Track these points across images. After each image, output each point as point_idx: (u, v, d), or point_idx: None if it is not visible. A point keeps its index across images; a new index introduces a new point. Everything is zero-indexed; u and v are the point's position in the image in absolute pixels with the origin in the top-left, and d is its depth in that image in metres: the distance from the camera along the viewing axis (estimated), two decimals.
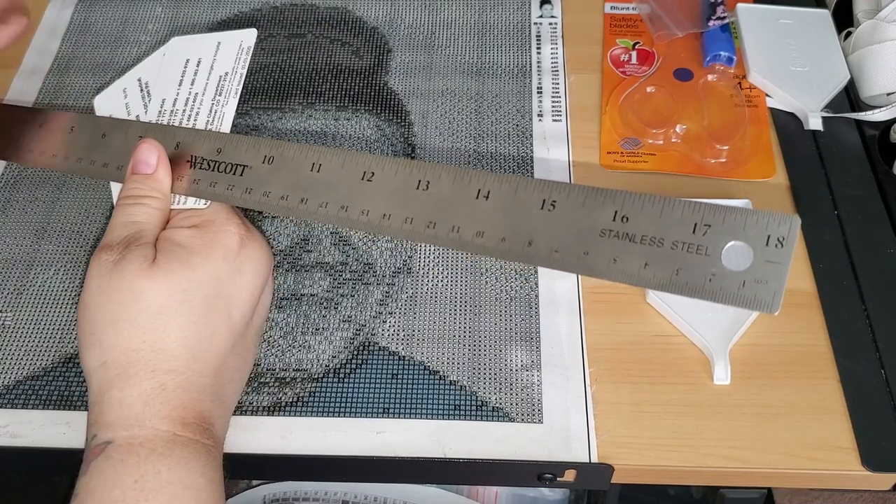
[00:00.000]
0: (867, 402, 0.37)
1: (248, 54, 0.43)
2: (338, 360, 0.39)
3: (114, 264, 0.34)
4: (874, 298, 0.40)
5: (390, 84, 0.49)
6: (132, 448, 0.31)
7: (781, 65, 0.48)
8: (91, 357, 0.33)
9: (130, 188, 0.37)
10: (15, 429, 0.37)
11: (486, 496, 0.57)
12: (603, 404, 0.37)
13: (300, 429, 0.37)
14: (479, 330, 0.40)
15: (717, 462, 0.36)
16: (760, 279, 0.30)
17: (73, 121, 0.42)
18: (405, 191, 0.35)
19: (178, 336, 0.33)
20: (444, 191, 0.35)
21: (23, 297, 0.41)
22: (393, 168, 0.36)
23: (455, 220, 0.34)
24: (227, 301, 0.35)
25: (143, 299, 0.33)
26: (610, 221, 0.32)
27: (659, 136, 0.46)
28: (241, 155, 0.38)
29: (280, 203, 0.37)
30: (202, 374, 0.34)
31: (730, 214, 0.31)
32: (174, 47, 0.44)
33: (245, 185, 0.37)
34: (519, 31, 0.52)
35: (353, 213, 0.36)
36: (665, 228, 0.32)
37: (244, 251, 0.36)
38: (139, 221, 0.36)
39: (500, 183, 0.34)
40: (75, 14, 0.54)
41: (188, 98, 0.42)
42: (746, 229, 0.31)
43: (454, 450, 0.36)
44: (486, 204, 0.34)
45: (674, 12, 0.50)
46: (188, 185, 0.38)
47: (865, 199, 0.44)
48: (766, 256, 0.30)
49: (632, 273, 0.32)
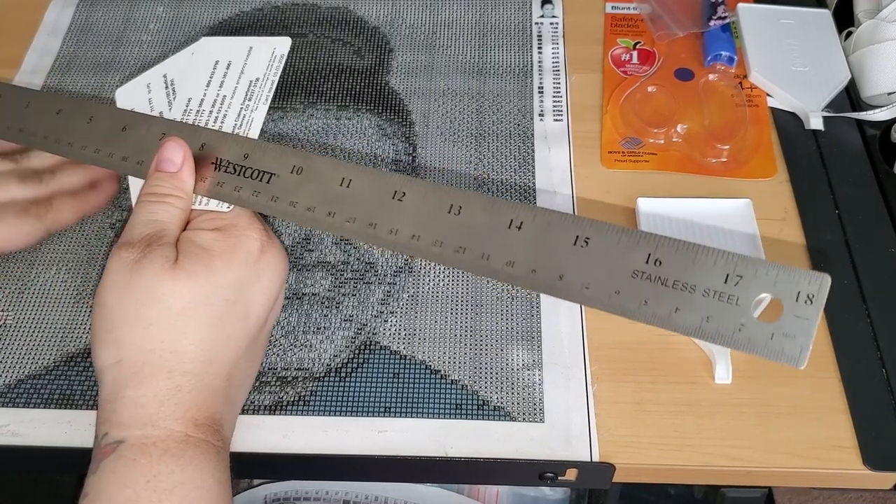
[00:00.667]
0: (868, 401, 0.37)
1: (280, 62, 0.43)
2: (339, 360, 0.39)
3: (135, 262, 0.33)
4: (875, 298, 0.40)
5: (391, 84, 0.49)
6: (145, 448, 0.31)
7: (782, 64, 0.48)
8: (106, 354, 0.33)
9: (153, 185, 0.37)
10: (16, 428, 0.37)
11: (487, 496, 0.57)
12: (604, 403, 0.37)
13: (302, 428, 0.37)
14: (481, 329, 0.40)
15: (719, 461, 0.36)
16: (788, 333, 0.30)
17: (92, 110, 0.42)
18: (436, 214, 0.35)
19: (196, 338, 0.33)
20: (475, 218, 0.35)
21: (24, 297, 0.41)
22: (423, 190, 0.36)
23: (485, 248, 0.34)
24: (245, 306, 0.35)
25: (164, 300, 0.33)
26: (643, 263, 0.32)
27: (660, 135, 0.46)
28: (268, 162, 0.38)
29: (306, 214, 0.37)
30: (216, 377, 0.34)
31: (762, 268, 0.31)
32: (203, 47, 0.44)
33: (271, 192, 0.37)
34: (520, 30, 0.52)
35: (381, 231, 0.35)
36: (697, 275, 0.32)
37: (264, 257, 0.36)
38: (161, 220, 0.36)
39: (534, 215, 0.34)
40: (77, 14, 0.54)
41: (216, 100, 0.42)
42: (777, 284, 0.31)
43: (455, 449, 0.36)
44: (518, 234, 0.34)
45: (675, 12, 0.50)
46: (211, 187, 0.38)
47: (866, 199, 0.44)
48: (796, 312, 0.30)
49: (662, 316, 0.32)
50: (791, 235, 0.42)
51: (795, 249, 0.42)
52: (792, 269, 0.31)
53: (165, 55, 0.51)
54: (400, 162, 0.45)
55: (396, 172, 0.38)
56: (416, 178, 0.36)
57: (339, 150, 0.46)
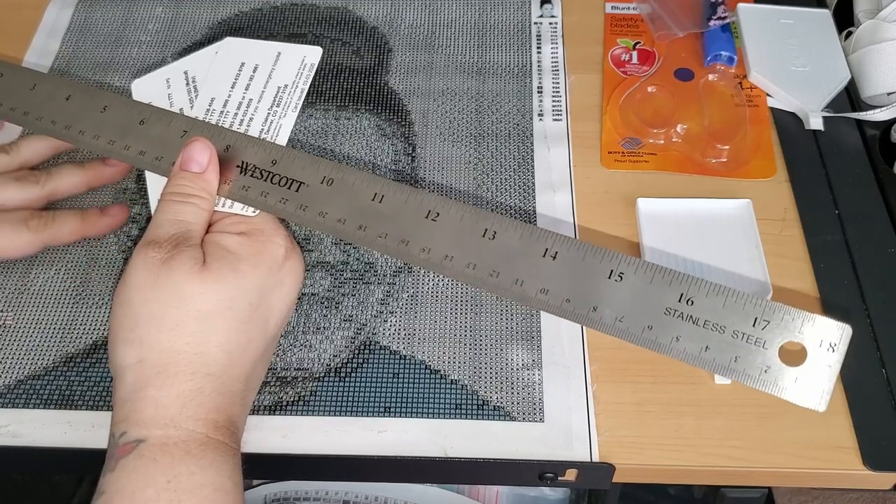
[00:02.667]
0: (868, 401, 0.37)
1: (310, 71, 0.43)
2: (339, 360, 0.39)
3: (162, 262, 0.33)
4: (875, 298, 0.40)
5: (391, 84, 0.49)
6: (166, 448, 0.31)
7: (782, 64, 0.48)
8: (127, 353, 0.33)
9: (178, 185, 0.37)
10: (16, 428, 0.37)
11: (486, 496, 0.57)
12: (604, 403, 0.37)
13: (301, 428, 0.37)
14: (480, 329, 0.40)
15: (718, 461, 0.36)
16: (812, 378, 0.32)
17: (106, 100, 0.41)
18: (470, 236, 0.36)
19: (220, 341, 0.33)
20: (510, 243, 0.35)
21: (23, 297, 0.41)
22: (459, 212, 0.36)
23: (519, 274, 0.35)
24: (267, 311, 0.35)
25: (192, 302, 0.33)
26: (676, 302, 0.33)
27: (660, 135, 0.46)
28: (297, 171, 0.38)
29: (336, 225, 0.37)
30: (236, 380, 0.34)
31: (788, 314, 0.33)
32: (228, 47, 0.44)
33: (300, 201, 0.37)
34: (519, 30, 0.52)
35: (413, 249, 0.36)
36: (727, 317, 0.33)
37: (287, 263, 0.37)
38: (187, 221, 0.36)
39: (569, 246, 0.35)
40: (76, 14, 0.54)
41: (241, 102, 0.41)
42: (803, 330, 0.32)
43: (455, 449, 0.36)
44: (553, 264, 0.35)
45: (674, 12, 0.50)
46: (236, 191, 0.38)
47: (866, 199, 0.44)
48: (819, 357, 0.32)
49: (692, 354, 0.33)
50: (791, 235, 0.42)
51: (795, 250, 0.42)
52: (817, 317, 0.32)
53: (164, 56, 0.51)
54: (399, 162, 0.45)
55: (430, 192, 0.39)
56: (450, 199, 0.37)
57: (338, 150, 0.46)
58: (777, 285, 0.40)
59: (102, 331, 0.40)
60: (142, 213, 0.44)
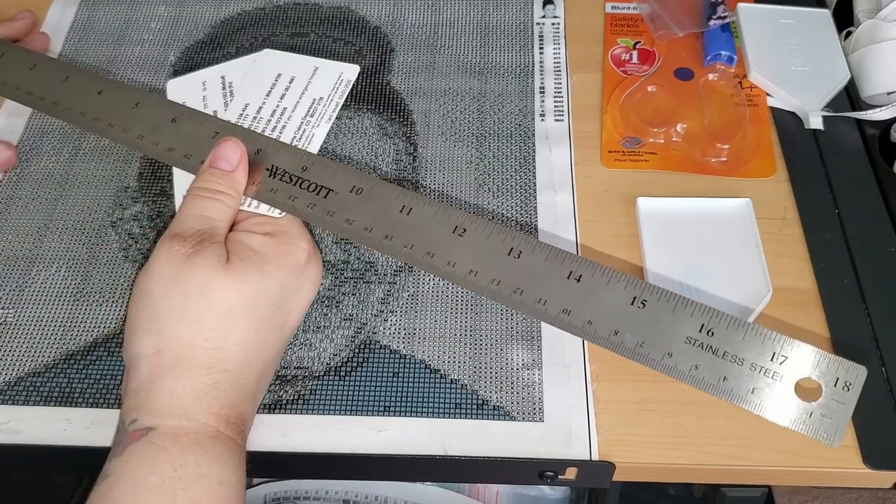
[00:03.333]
0: (868, 400, 0.37)
1: (347, 87, 0.44)
2: (339, 359, 0.39)
3: (186, 256, 0.34)
4: (875, 297, 0.40)
5: (393, 83, 0.49)
6: (177, 437, 0.31)
7: (782, 64, 0.48)
8: (145, 343, 0.33)
9: (207, 181, 0.37)
10: (15, 425, 0.37)
11: (486, 495, 0.57)
12: (604, 402, 0.37)
13: (301, 427, 0.37)
14: (480, 328, 0.40)
15: (718, 460, 0.36)
16: (826, 414, 0.33)
17: (139, 97, 0.43)
18: (496, 254, 0.37)
19: (239, 338, 0.34)
20: (536, 264, 0.36)
21: (24, 294, 0.41)
22: (486, 230, 0.37)
23: (543, 294, 0.36)
24: (286, 312, 0.36)
25: (215, 298, 0.33)
26: (696, 332, 0.34)
27: (660, 135, 0.46)
28: (327, 178, 0.39)
29: (363, 233, 0.37)
30: (250, 378, 0.34)
31: (805, 351, 0.33)
32: (266, 57, 0.46)
33: (328, 207, 0.38)
34: (521, 31, 0.52)
35: (438, 261, 0.37)
36: (746, 350, 0.34)
37: (308, 267, 0.37)
38: (213, 217, 0.36)
39: (593, 271, 0.36)
40: (78, 13, 0.54)
41: (275, 110, 0.43)
42: (818, 367, 0.33)
43: (455, 448, 0.36)
44: (577, 286, 0.36)
45: (674, 12, 0.50)
46: (263, 192, 0.39)
47: (866, 198, 0.44)
48: (834, 395, 0.33)
49: (710, 383, 0.34)
50: (791, 235, 0.42)
51: (795, 249, 0.42)
52: (833, 356, 0.33)
53: (167, 54, 0.51)
54: (400, 161, 0.46)
55: (458, 209, 0.39)
56: (478, 216, 0.38)
57: (340, 150, 0.46)
58: (777, 284, 0.40)
59: (103, 328, 0.40)
60: (143, 210, 0.44)
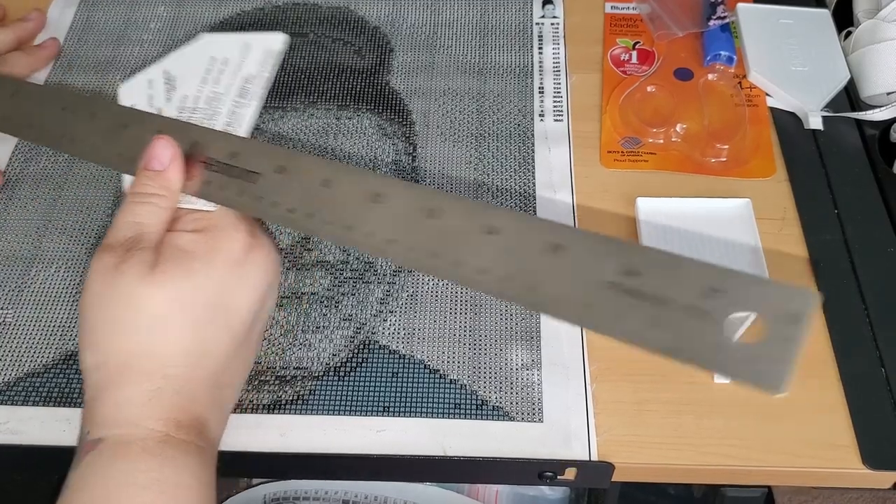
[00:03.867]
0: (867, 400, 0.37)
1: (275, 59, 0.42)
2: (338, 359, 0.39)
3: (114, 267, 0.33)
4: (874, 298, 0.40)
5: (392, 83, 0.49)
6: (125, 446, 0.31)
7: (781, 64, 0.48)
8: (88, 357, 0.33)
9: (140, 185, 0.36)
10: (15, 426, 0.37)
11: (486, 495, 0.57)
12: (603, 403, 0.37)
13: (300, 427, 0.37)
14: (480, 329, 0.40)
15: (718, 460, 0.36)
16: (771, 356, 0.26)
17: (95, 107, 0.42)
18: (414, 218, 0.33)
19: (177, 342, 0.33)
20: (454, 222, 0.32)
21: (23, 294, 0.41)
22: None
23: (459, 255, 0.32)
24: (228, 308, 0.35)
25: (144, 306, 0.33)
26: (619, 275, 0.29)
27: (659, 135, 0.46)
28: (255, 161, 0.37)
29: (287, 216, 0.35)
30: (200, 380, 0.33)
31: (745, 282, 0.28)
32: (201, 43, 0.44)
33: (256, 192, 0.36)
34: (521, 31, 0.52)
35: (356, 235, 0.33)
36: (670, 288, 0.28)
37: (249, 257, 0.36)
38: (142, 223, 0.35)
39: (509, 219, 0.32)
40: (78, 13, 0.54)
41: (210, 97, 0.41)
42: (761, 300, 0.27)
43: (454, 448, 0.36)
44: (492, 239, 0.32)
45: (674, 12, 0.50)
46: (200, 186, 0.37)
47: (865, 199, 0.44)
48: (779, 332, 0.27)
49: (635, 332, 0.28)
50: (790, 235, 0.42)
51: (795, 249, 0.42)
52: (778, 284, 0.27)
53: (167, 54, 0.51)
54: (400, 161, 0.46)
55: (378, 174, 0.37)
56: (397, 179, 0.35)
57: (339, 150, 0.46)
58: None
59: None
60: None
